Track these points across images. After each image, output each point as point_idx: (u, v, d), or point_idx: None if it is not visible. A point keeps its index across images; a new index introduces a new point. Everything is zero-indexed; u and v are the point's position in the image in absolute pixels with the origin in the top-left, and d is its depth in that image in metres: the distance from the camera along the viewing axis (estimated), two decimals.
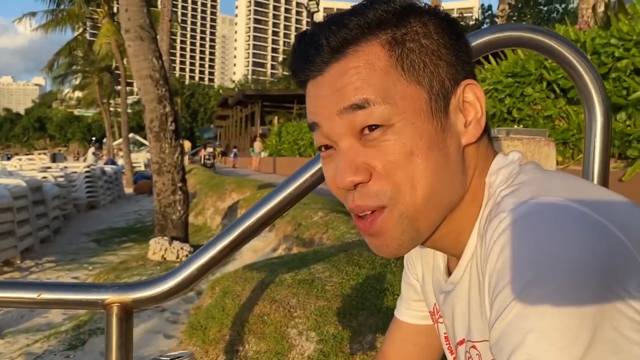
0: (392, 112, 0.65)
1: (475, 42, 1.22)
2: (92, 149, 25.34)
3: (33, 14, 26.52)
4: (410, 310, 0.96)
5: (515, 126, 6.53)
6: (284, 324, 2.10)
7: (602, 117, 1.30)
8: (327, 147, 0.71)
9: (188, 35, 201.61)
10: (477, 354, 0.73)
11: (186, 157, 29.44)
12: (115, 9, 25.97)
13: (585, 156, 1.32)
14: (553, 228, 0.55)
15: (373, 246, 0.72)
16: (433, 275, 0.85)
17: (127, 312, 1.26)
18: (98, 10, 26.05)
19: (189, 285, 1.32)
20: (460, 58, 0.70)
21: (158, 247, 6.63)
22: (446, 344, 0.86)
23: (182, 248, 6.68)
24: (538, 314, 0.51)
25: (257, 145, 25.83)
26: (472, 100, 0.70)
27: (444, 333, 0.85)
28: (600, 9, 8.93)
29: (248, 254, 4.86)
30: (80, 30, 30.67)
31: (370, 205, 0.67)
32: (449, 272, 0.80)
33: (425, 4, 0.72)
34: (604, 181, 1.29)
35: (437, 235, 0.73)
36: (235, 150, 32.62)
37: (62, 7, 25.81)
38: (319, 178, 1.24)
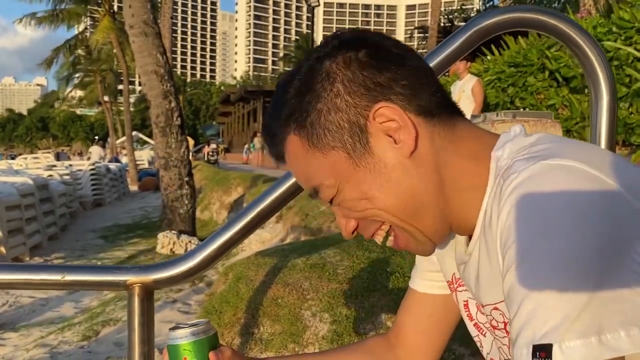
0: (332, 185, 0.75)
1: (483, 24, 1.25)
2: (97, 148, 25.23)
3: (34, 14, 26.52)
4: (425, 281, 0.98)
5: None
6: (297, 307, 2.15)
7: (607, 95, 1.32)
8: None
9: (189, 33, 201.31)
10: (500, 314, 0.77)
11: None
12: (115, 7, 25.99)
13: (592, 135, 1.34)
14: (560, 187, 0.60)
15: (418, 253, 0.84)
16: (456, 249, 0.87)
17: (149, 292, 1.30)
18: (99, 9, 26.05)
19: (207, 266, 1.36)
20: (370, 88, 0.73)
21: (166, 241, 6.69)
22: (466, 312, 0.89)
23: (190, 241, 6.74)
24: (545, 267, 0.56)
25: (258, 140, 25.89)
26: (386, 122, 0.73)
27: (464, 301, 0.89)
28: None
29: (256, 245, 4.91)
30: (82, 29, 30.71)
31: (376, 227, 0.77)
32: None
33: (338, 43, 0.75)
34: None
35: (452, 229, 0.79)
36: (246, 146, 32.07)
37: (62, 6, 25.79)
38: None
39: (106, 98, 35.95)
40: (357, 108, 0.73)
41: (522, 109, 6.68)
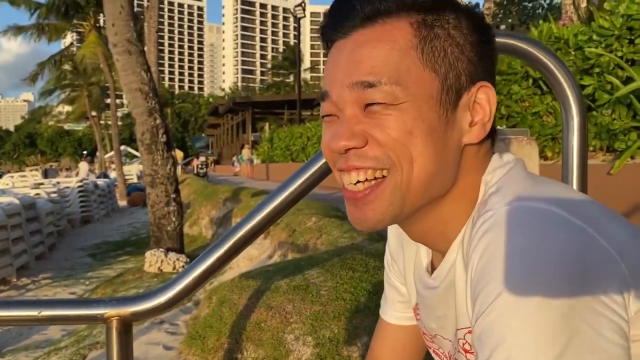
0: (400, 94, 0.67)
1: None
2: (85, 164, 25.07)
3: (19, 28, 26.35)
4: (396, 312, 0.97)
5: (505, 122, 6.60)
6: (280, 330, 2.13)
7: (578, 116, 1.33)
8: (331, 115, 0.74)
9: (176, 45, 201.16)
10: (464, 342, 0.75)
11: (179, 167, 29.34)
12: (101, 22, 25.93)
13: (563, 155, 1.35)
14: (534, 231, 0.58)
15: (352, 217, 0.73)
16: (415, 272, 0.86)
17: (127, 325, 1.29)
18: (84, 23, 25.98)
19: (186, 296, 1.35)
20: (483, 60, 0.72)
21: (154, 259, 6.65)
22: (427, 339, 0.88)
23: (178, 259, 6.69)
24: (519, 314, 0.54)
25: (245, 152, 25.91)
26: (483, 102, 0.71)
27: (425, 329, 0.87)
28: (583, 4, 9.00)
29: (244, 262, 4.90)
30: (67, 43, 30.62)
31: (365, 165, 0.69)
32: (433, 269, 0.81)
33: (468, 2, 0.76)
34: (583, 178, 1.33)
35: (422, 228, 0.75)
36: (234, 158, 31.90)
37: (46, 21, 25.66)
38: (309, 185, 1.28)
39: (94, 113, 35.78)
40: (475, 66, 0.71)
41: (507, 117, 6.73)
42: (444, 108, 0.69)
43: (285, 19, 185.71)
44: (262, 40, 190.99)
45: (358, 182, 0.71)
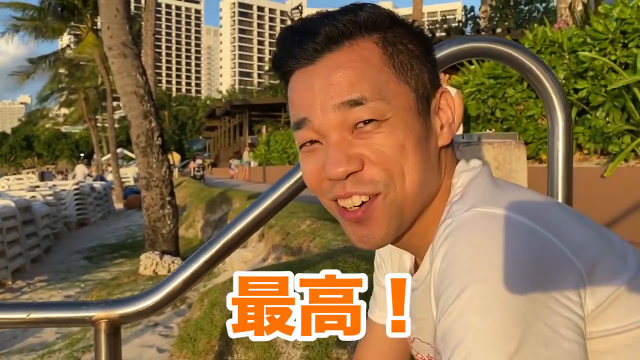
0: (386, 108, 0.69)
1: (439, 55, 1.27)
2: (82, 167, 25.03)
3: (16, 25, 26.23)
4: (384, 312, 0.94)
5: (499, 126, 6.62)
6: None
7: (563, 121, 1.34)
8: (311, 142, 0.74)
9: (173, 48, 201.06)
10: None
11: (176, 170, 29.30)
12: (99, 24, 25.86)
13: (549, 159, 1.36)
14: (490, 235, 0.61)
15: (358, 237, 0.74)
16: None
17: (115, 328, 1.30)
18: (81, 25, 25.95)
19: (175, 298, 1.36)
20: (433, 67, 0.77)
21: (149, 262, 6.64)
22: (410, 342, 0.90)
23: (173, 262, 6.69)
24: (477, 314, 0.57)
25: (245, 154, 25.92)
26: (444, 107, 0.77)
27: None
28: (578, 7, 9.01)
29: (238, 265, 4.90)
30: (64, 45, 30.55)
31: (364, 191, 0.71)
32: (416, 271, 0.82)
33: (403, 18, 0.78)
34: (569, 182, 1.34)
35: (409, 234, 0.77)
36: (231, 161, 31.84)
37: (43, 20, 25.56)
38: (297, 189, 1.29)
39: (91, 115, 35.71)
40: (431, 75, 0.76)
41: (502, 120, 6.74)
42: (422, 117, 0.73)
43: (282, 21, 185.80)
44: (260, 42, 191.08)
45: (362, 202, 0.72)
